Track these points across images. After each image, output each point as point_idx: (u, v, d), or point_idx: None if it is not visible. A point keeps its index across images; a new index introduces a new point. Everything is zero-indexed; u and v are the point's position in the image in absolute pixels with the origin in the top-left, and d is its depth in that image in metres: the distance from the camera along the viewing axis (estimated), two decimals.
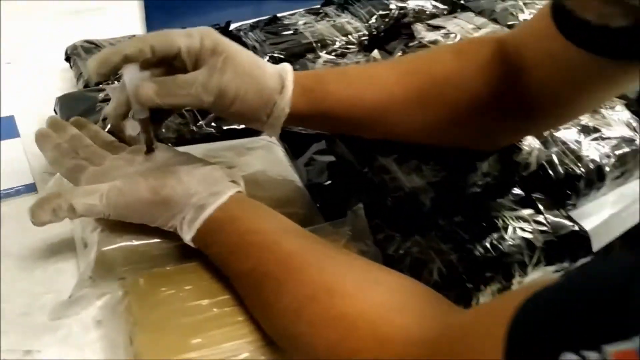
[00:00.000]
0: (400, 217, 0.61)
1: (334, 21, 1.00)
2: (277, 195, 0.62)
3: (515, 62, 0.56)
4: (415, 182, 0.63)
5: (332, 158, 0.71)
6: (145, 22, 1.00)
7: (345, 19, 1.02)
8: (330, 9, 1.05)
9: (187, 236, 0.51)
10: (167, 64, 0.53)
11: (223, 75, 0.52)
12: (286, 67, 0.57)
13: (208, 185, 0.52)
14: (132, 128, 0.55)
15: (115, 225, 0.55)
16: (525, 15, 1.12)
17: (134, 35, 0.91)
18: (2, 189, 0.67)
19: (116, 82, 0.77)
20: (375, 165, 0.65)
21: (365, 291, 0.43)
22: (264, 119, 0.56)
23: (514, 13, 1.12)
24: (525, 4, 1.15)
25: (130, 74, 0.51)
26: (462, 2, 1.16)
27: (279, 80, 0.56)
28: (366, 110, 0.59)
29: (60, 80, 0.91)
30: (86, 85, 0.79)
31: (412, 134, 0.62)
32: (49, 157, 0.58)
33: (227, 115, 0.56)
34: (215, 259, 0.52)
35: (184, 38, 0.51)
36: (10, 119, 0.79)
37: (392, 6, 1.07)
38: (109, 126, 0.64)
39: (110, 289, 0.53)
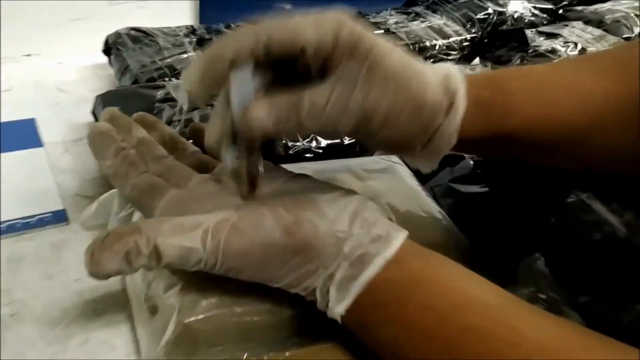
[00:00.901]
0: (614, 274, 0.41)
1: (430, 22, 0.82)
2: (426, 238, 0.42)
3: None
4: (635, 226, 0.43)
5: (477, 188, 0.52)
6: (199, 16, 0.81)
7: (441, 21, 0.84)
8: (419, 9, 0.87)
9: (338, 307, 0.31)
10: (286, 69, 0.34)
11: (370, 89, 0.33)
12: (452, 71, 0.37)
13: (364, 224, 0.33)
14: (231, 159, 0.35)
15: (204, 283, 0.35)
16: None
17: (191, 26, 0.72)
18: (19, 217, 0.47)
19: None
20: (566, 201, 0.45)
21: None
22: (418, 148, 0.37)
23: (628, 26, 0.95)
24: (637, 15, 0.98)
25: (239, 86, 0.33)
26: (560, 12, 1.01)
27: (445, 92, 0.36)
28: (566, 131, 0.40)
29: (94, 78, 0.72)
30: (135, 81, 0.59)
31: (625, 164, 0.42)
32: (109, 168, 0.38)
33: (367, 144, 0.40)
34: (379, 344, 0.32)
35: (311, 30, 0.32)
36: (30, 122, 0.59)
37: (490, 10, 0.89)
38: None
39: None
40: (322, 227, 0.32)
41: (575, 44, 0.84)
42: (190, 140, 0.44)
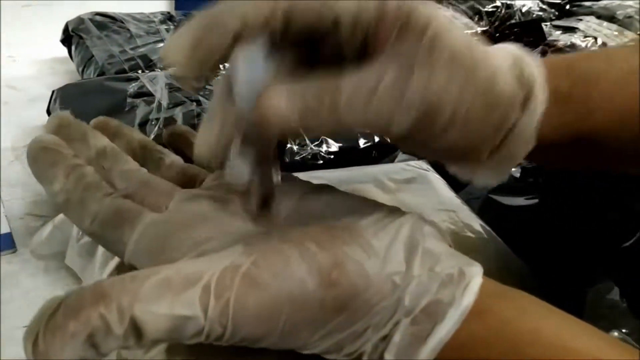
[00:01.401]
0: None
1: None
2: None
3: None
4: None
5: (522, 200, 0.43)
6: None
7: (448, 13, 0.76)
8: None
9: None
10: (310, 48, 0.25)
11: (433, 75, 0.24)
12: (521, 54, 0.28)
13: (427, 260, 0.23)
14: (237, 172, 0.26)
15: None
16: None
17: (167, 12, 0.62)
18: None
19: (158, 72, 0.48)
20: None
21: None
22: (485, 154, 0.27)
23: None
24: None
25: (248, 69, 0.24)
26: (567, 7, 0.95)
27: (518, 81, 0.27)
28: None
29: (51, 73, 0.61)
30: (101, 74, 0.49)
31: None
32: (59, 194, 0.27)
33: (424, 151, 0.30)
34: None
35: (346, 5, 0.24)
36: None
37: (498, 3, 0.82)
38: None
39: None
40: (372, 269, 0.22)
41: (595, 39, 0.77)
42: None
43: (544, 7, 0.90)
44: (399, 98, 0.23)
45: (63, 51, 0.62)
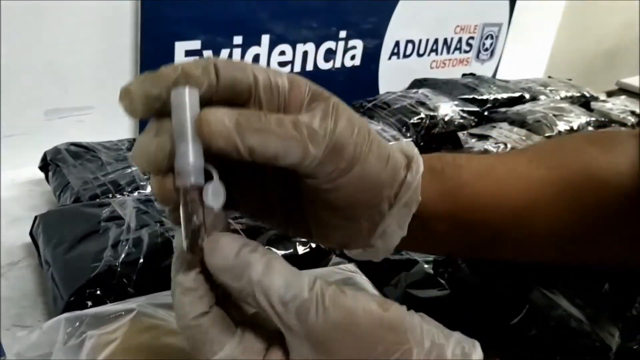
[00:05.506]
0: None
1: None
2: None
3: None
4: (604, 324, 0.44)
5: (435, 292, 0.51)
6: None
7: (378, 127, 0.87)
8: None
9: None
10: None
11: (337, 123, 0.32)
12: (403, 141, 0.39)
13: None
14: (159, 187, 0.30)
15: None
16: (560, 126, 1.03)
17: (132, 139, 0.71)
18: None
19: (126, 195, 0.56)
20: (538, 303, 0.46)
21: None
22: (385, 207, 0.36)
23: (548, 125, 1.03)
24: (555, 115, 1.06)
25: (187, 96, 0.28)
26: (485, 113, 1.08)
27: (401, 153, 0.38)
28: (512, 213, 0.41)
29: (29, 195, 0.68)
30: (77, 199, 0.57)
31: (561, 248, 0.44)
32: None
33: (340, 188, 0.34)
34: None
35: (262, 71, 0.32)
36: None
37: (422, 115, 0.94)
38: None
39: None
40: None
41: (505, 144, 0.88)
42: None
43: (464, 115, 1.02)
44: (312, 134, 0.30)
45: (39, 174, 0.67)
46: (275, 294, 0.27)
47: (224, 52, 0.86)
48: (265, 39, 0.90)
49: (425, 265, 0.55)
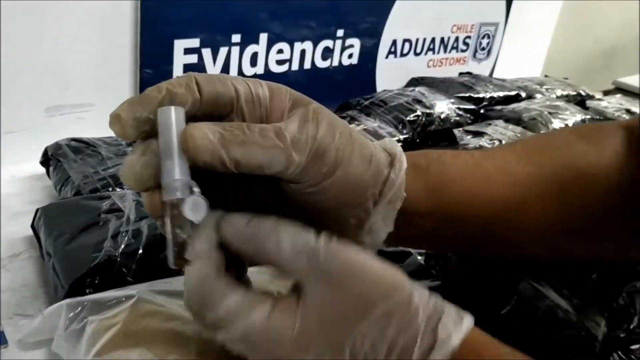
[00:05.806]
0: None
1: (364, 125, 0.87)
2: None
3: None
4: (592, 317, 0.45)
5: (428, 283, 0.53)
6: None
7: (375, 124, 0.88)
8: (353, 113, 0.91)
9: None
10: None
11: (318, 128, 0.33)
12: (386, 139, 0.40)
13: None
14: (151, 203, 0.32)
15: None
16: (555, 124, 1.04)
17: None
18: None
19: (126, 189, 0.57)
20: (526, 294, 0.47)
21: None
22: (372, 203, 0.37)
23: (543, 122, 1.03)
24: (550, 113, 1.07)
25: (173, 115, 0.30)
26: (481, 111, 1.09)
27: (384, 151, 0.38)
28: (500, 209, 0.42)
29: (30, 190, 0.70)
30: (77, 193, 0.58)
31: (549, 244, 0.45)
32: None
33: (324, 191, 0.35)
34: None
35: (242, 83, 0.34)
36: None
37: (418, 112, 0.95)
38: None
39: None
40: None
41: (500, 141, 0.89)
42: None
43: (460, 112, 1.03)
44: (294, 141, 0.32)
45: (40, 169, 0.69)
46: (287, 247, 0.30)
47: (223, 50, 0.87)
48: (264, 37, 0.91)
49: (419, 257, 0.56)
